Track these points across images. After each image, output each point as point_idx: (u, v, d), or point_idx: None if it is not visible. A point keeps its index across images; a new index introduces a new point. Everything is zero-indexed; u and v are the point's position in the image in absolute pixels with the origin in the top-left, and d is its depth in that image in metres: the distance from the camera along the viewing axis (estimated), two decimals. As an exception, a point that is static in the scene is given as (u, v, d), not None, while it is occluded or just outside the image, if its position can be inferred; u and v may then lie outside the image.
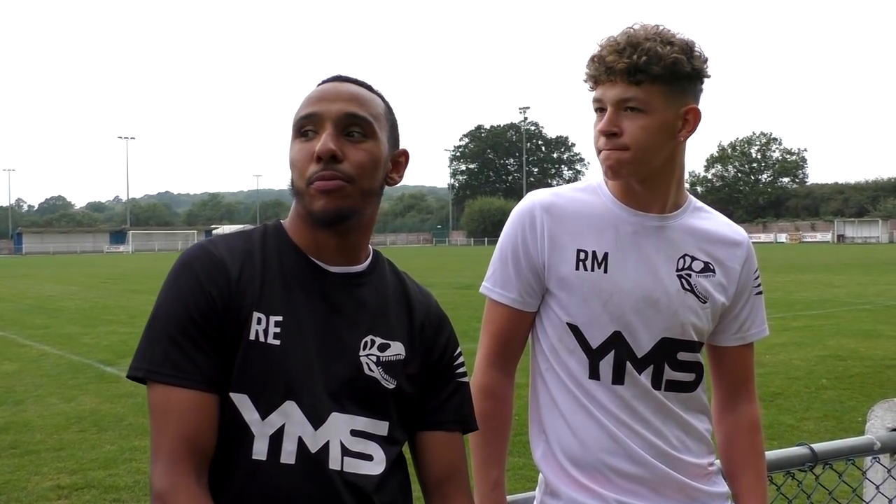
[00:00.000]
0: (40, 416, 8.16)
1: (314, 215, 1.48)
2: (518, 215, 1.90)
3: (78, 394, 9.26)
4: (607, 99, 1.75)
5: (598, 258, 1.83)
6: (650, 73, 1.71)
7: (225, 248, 1.51)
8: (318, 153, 1.45)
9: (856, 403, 7.96)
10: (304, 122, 1.50)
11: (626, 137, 1.73)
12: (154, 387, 1.40)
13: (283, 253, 1.54)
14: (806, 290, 22.06)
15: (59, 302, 22.19)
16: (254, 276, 1.48)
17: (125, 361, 10.81)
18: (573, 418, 1.84)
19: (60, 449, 6.90)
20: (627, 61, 1.70)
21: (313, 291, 1.52)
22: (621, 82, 1.72)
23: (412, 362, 1.58)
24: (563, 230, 1.84)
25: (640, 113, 1.73)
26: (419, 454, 1.62)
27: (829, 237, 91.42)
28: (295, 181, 1.50)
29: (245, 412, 1.42)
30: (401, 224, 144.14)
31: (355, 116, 1.49)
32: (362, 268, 1.58)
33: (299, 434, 1.43)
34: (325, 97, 1.51)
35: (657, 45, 1.71)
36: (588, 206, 1.87)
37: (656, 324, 1.82)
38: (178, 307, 1.43)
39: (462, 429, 1.65)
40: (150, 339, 1.43)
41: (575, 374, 1.83)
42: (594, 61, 1.76)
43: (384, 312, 1.58)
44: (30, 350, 13.01)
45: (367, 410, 1.51)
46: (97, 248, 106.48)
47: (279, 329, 1.46)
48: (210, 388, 1.41)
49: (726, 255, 1.90)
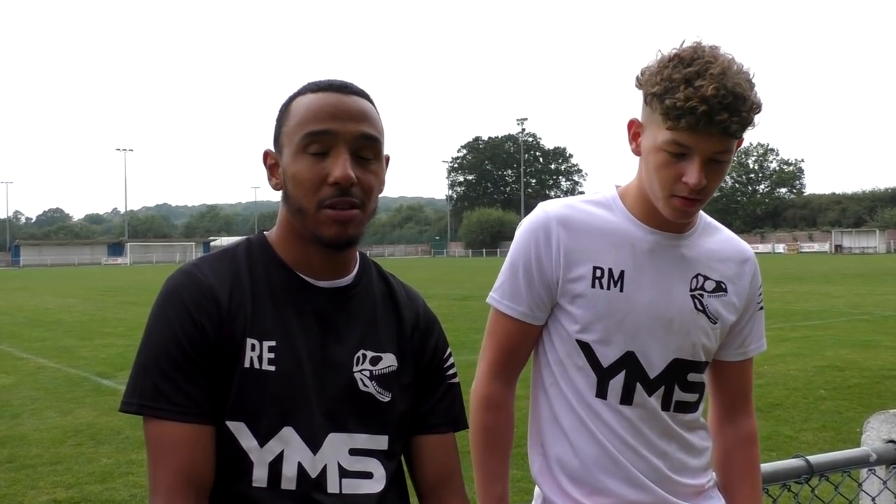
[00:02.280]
0: (37, 429, 8.13)
1: (323, 240, 1.45)
2: (532, 228, 1.85)
3: (75, 407, 9.23)
4: (700, 150, 1.65)
5: (614, 276, 1.79)
6: (749, 126, 1.66)
7: (212, 273, 1.47)
8: (338, 179, 1.41)
9: (854, 414, 7.95)
10: (314, 139, 1.44)
11: (709, 188, 1.69)
12: (149, 421, 1.39)
13: (271, 271, 1.51)
14: (804, 300, 22.06)
15: (57, 314, 22.14)
16: (244, 301, 1.46)
17: (122, 374, 10.80)
18: (575, 436, 1.82)
19: (57, 463, 6.88)
20: (738, 121, 1.61)
21: (304, 310, 1.50)
22: (719, 136, 1.62)
23: (404, 371, 1.57)
24: (579, 246, 1.81)
25: (724, 163, 1.68)
26: (413, 458, 1.61)
27: (826, 247, 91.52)
28: (300, 200, 1.45)
29: (243, 440, 1.41)
30: (399, 235, 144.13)
31: (369, 138, 1.46)
32: (350, 280, 1.56)
33: (299, 459, 1.42)
34: (337, 114, 1.44)
35: (753, 94, 1.63)
36: (604, 222, 1.83)
37: (669, 344, 1.81)
38: (168, 339, 1.40)
39: (453, 428, 1.64)
40: (141, 372, 1.40)
41: (581, 392, 1.81)
42: (694, 112, 1.59)
43: (374, 323, 1.57)
44: (27, 363, 12.97)
45: (364, 427, 1.50)
46: (95, 261, 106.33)
47: (273, 354, 1.44)
48: (205, 419, 1.39)
49: (736, 273, 1.89)
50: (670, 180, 1.69)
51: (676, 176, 1.68)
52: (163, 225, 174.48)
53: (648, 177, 1.75)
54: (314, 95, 1.48)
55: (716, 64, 1.62)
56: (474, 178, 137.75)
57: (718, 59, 1.64)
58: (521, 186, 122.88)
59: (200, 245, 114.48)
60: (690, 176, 1.66)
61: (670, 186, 1.70)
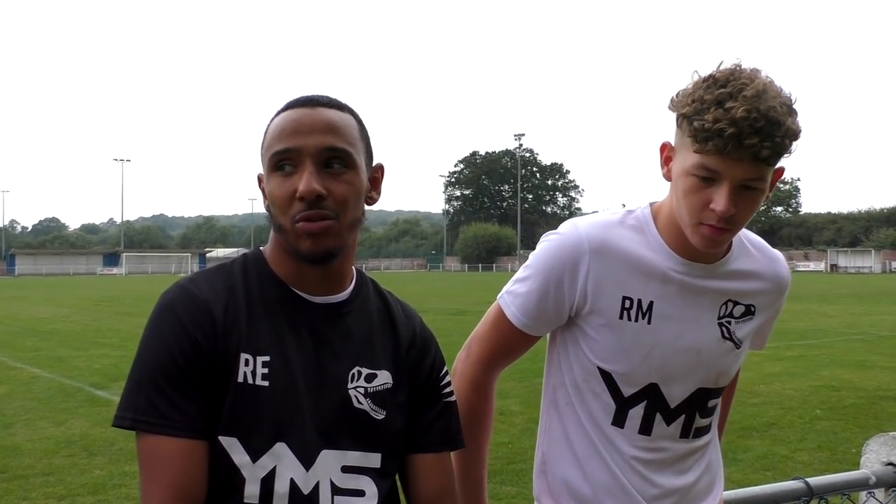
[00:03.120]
0: (30, 440, 8.10)
1: (301, 254, 1.45)
2: (561, 248, 1.77)
3: (68, 417, 9.19)
4: (729, 176, 1.57)
5: (642, 308, 1.74)
6: (785, 153, 1.58)
7: (207, 287, 1.47)
8: (301, 194, 1.41)
9: (850, 435, 7.94)
10: (280, 157, 1.44)
11: (739, 217, 1.61)
12: (141, 436, 1.38)
13: (266, 286, 1.51)
14: (800, 319, 22.07)
15: (51, 324, 22.08)
16: (239, 316, 1.45)
17: (117, 385, 10.77)
18: (586, 461, 1.80)
19: (49, 474, 6.84)
20: (769, 147, 1.53)
21: (299, 325, 1.49)
22: (749, 162, 1.54)
23: (400, 389, 1.56)
24: (610, 274, 1.74)
25: (755, 191, 1.60)
26: (408, 477, 1.60)
27: (822, 266, 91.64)
28: (278, 217, 1.46)
29: (235, 455, 1.40)
30: (395, 249, 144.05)
31: (334, 149, 1.45)
32: (346, 295, 1.56)
33: (291, 476, 1.41)
34: (300, 129, 1.44)
35: (791, 120, 1.55)
36: (637, 250, 1.76)
37: (694, 375, 1.78)
38: (163, 353, 1.39)
39: (449, 447, 1.62)
40: (134, 387, 1.40)
41: (596, 418, 1.78)
42: (723, 135, 1.52)
43: (369, 341, 1.56)
44: (21, 373, 12.92)
45: (358, 444, 1.49)
46: (90, 270, 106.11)
47: (267, 370, 1.43)
48: (198, 434, 1.38)
49: (766, 294, 1.85)
50: (698, 207, 1.62)
51: (704, 202, 1.60)
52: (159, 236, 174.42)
53: (678, 203, 1.68)
54: (283, 114, 1.48)
55: (751, 86, 1.54)
56: (471, 193, 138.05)
57: (755, 81, 1.56)
58: (517, 202, 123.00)
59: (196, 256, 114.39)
60: (718, 203, 1.58)
61: (698, 213, 1.62)
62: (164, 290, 1.48)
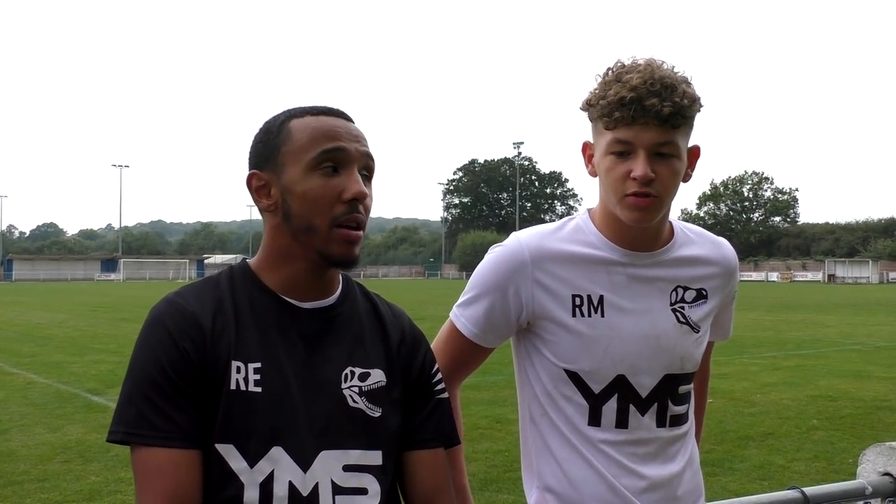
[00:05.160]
0: (25, 445, 8.07)
1: (332, 259, 1.48)
2: (504, 259, 1.84)
3: (64, 423, 9.16)
4: (641, 143, 1.66)
5: (593, 302, 1.79)
6: (687, 116, 1.67)
7: (195, 300, 1.48)
8: (355, 195, 1.45)
9: (846, 445, 7.93)
10: (330, 156, 1.46)
11: (658, 184, 1.68)
12: (135, 449, 1.39)
13: (254, 295, 1.52)
14: (797, 329, 22.08)
15: (48, 330, 22.06)
16: (228, 325, 1.46)
17: (113, 391, 10.74)
18: (570, 467, 1.81)
19: (44, 480, 6.82)
20: (670, 105, 1.63)
21: (289, 331, 1.50)
22: (656, 126, 1.64)
23: (393, 387, 1.57)
24: (555, 277, 1.80)
25: (671, 158, 1.69)
26: (404, 475, 1.60)
27: (819, 277, 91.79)
28: (311, 217, 1.46)
29: (232, 461, 1.40)
30: (393, 256, 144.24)
31: (371, 159, 1.51)
32: (334, 299, 1.57)
33: (289, 479, 1.42)
34: (347, 136, 1.49)
35: (686, 86, 1.67)
36: (578, 248, 1.82)
37: (658, 362, 1.80)
38: (152, 366, 1.41)
39: (444, 444, 1.63)
40: (126, 401, 1.41)
41: (573, 422, 1.80)
42: (625, 102, 1.64)
43: (360, 341, 1.57)
44: (16, 378, 12.89)
45: (358, 443, 1.49)
46: (88, 276, 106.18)
47: (259, 376, 1.44)
48: (191, 444, 1.39)
49: (716, 277, 1.90)
50: (620, 180, 1.70)
51: (625, 174, 1.69)
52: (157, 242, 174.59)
53: (604, 188, 1.77)
54: (317, 118, 1.50)
55: (644, 63, 1.69)
56: (469, 201, 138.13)
57: (648, 61, 1.70)
58: (516, 210, 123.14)
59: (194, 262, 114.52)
60: (637, 168, 1.67)
61: (621, 186, 1.70)
62: (153, 304, 1.50)
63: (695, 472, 1.92)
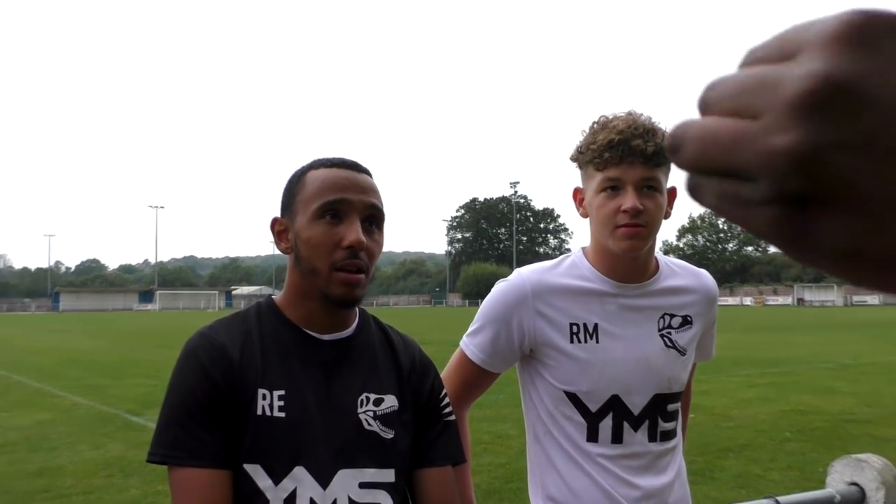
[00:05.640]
0: (72, 461, 8.03)
1: (332, 299, 1.48)
2: (508, 293, 1.88)
3: (106, 441, 9.11)
4: (629, 179, 1.72)
5: (588, 330, 1.81)
6: (667, 156, 1.72)
7: (225, 333, 1.51)
8: (352, 243, 1.44)
9: (817, 455, 7.86)
10: (331, 207, 1.47)
11: (646, 215, 1.73)
12: (172, 469, 1.40)
13: (278, 329, 1.53)
14: (770, 349, 21.93)
15: (91, 356, 22.00)
16: (254, 356, 1.48)
17: (150, 412, 10.70)
18: (571, 479, 1.82)
19: (89, 492, 6.78)
20: (653, 145, 1.70)
21: (310, 362, 1.51)
22: (641, 163, 1.71)
23: (405, 410, 1.58)
24: (554, 308, 1.83)
25: (655, 192, 1.74)
26: (415, 491, 1.60)
27: (789, 300, 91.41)
28: (314, 261, 1.48)
29: (259, 480, 1.41)
30: (402, 287, 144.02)
31: (375, 208, 1.51)
32: (351, 331, 1.58)
33: (310, 495, 1.42)
34: (350, 186, 1.49)
35: (665, 131, 1.73)
36: (574, 282, 1.86)
37: (648, 383, 1.82)
38: (186, 394, 1.43)
39: (452, 462, 1.63)
40: (164, 425, 1.43)
41: (573, 438, 1.82)
42: (613, 144, 1.71)
43: (375, 369, 1.58)
44: (63, 400, 12.84)
45: (372, 462, 1.50)
46: (127, 307, 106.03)
47: (283, 402, 1.45)
48: (220, 464, 1.40)
49: (698, 304, 1.92)
50: (611, 214, 1.74)
51: (615, 209, 1.73)
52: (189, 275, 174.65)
53: (596, 225, 1.80)
54: (328, 170, 1.52)
55: (626, 113, 1.77)
56: (471, 236, 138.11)
57: (630, 111, 1.77)
58: (513, 243, 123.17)
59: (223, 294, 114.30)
60: (626, 201, 1.71)
61: (613, 219, 1.74)
62: (188, 338, 1.51)
63: (683, 482, 1.93)
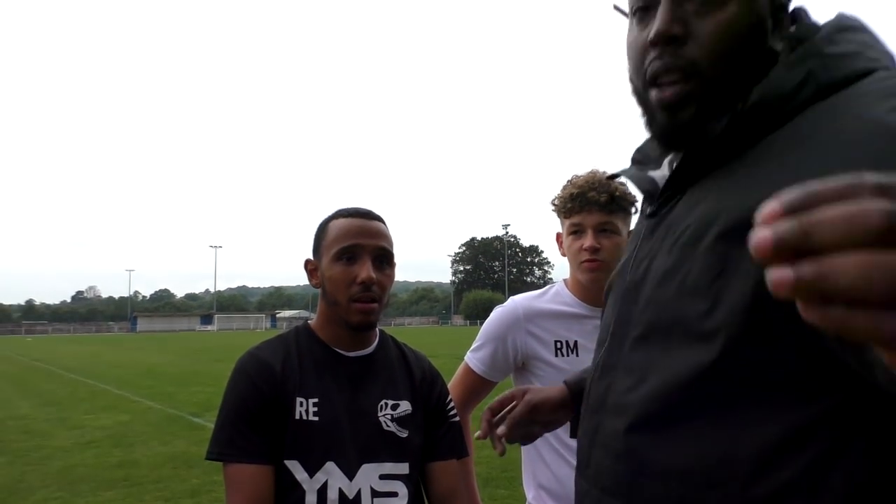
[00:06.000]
0: (145, 455, 7.96)
1: (351, 325, 1.51)
2: (504, 316, 1.91)
3: (173, 439, 9.04)
4: (588, 223, 1.76)
5: (570, 345, 1.83)
6: (620, 204, 1.76)
7: (270, 352, 1.53)
8: (364, 280, 1.47)
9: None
10: (347, 251, 1.50)
11: (605, 253, 1.76)
12: (226, 464, 1.42)
13: (313, 348, 1.55)
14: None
15: (162, 368, 21.89)
16: (293, 370, 1.50)
17: (209, 414, 10.64)
18: (557, 469, 1.82)
19: (159, 481, 6.72)
20: (606, 195, 1.74)
21: (338, 374, 1.53)
22: (597, 211, 1.75)
23: (417, 413, 1.58)
24: (542, 328, 1.85)
25: (613, 234, 1.77)
26: (426, 480, 1.60)
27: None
28: (335, 294, 1.51)
29: (297, 473, 1.42)
30: (415, 310, 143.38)
31: (385, 250, 1.53)
32: (372, 349, 1.59)
33: (339, 486, 1.43)
34: (363, 233, 1.51)
35: (620, 185, 1.77)
36: (557, 307, 1.88)
37: None
38: (238, 402, 1.45)
39: (456, 456, 1.64)
40: (219, 428, 1.45)
41: (559, 435, 1.81)
42: (573, 197, 1.77)
43: (392, 379, 1.58)
44: (139, 405, 12.77)
45: (391, 457, 1.50)
46: (191, 328, 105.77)
47: (316, 408, 1.46)
48: (266, 460, 1.41)
49: None
50: (576, 252, 1.79)
51: (579, 248, 1.78)
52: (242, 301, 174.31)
53: (569, 261, 1.84)
54: (346, 219, 1.54)
55: (588, 171, 1.80)
56: (471, 268, 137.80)
57: (592, 170, 1.81)
58: (505, 275, 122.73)
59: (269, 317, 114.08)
60: (586, 242, 1.76)
61: (577, 256, 1.79)
62: (240, 356, 1.54)
63: None
